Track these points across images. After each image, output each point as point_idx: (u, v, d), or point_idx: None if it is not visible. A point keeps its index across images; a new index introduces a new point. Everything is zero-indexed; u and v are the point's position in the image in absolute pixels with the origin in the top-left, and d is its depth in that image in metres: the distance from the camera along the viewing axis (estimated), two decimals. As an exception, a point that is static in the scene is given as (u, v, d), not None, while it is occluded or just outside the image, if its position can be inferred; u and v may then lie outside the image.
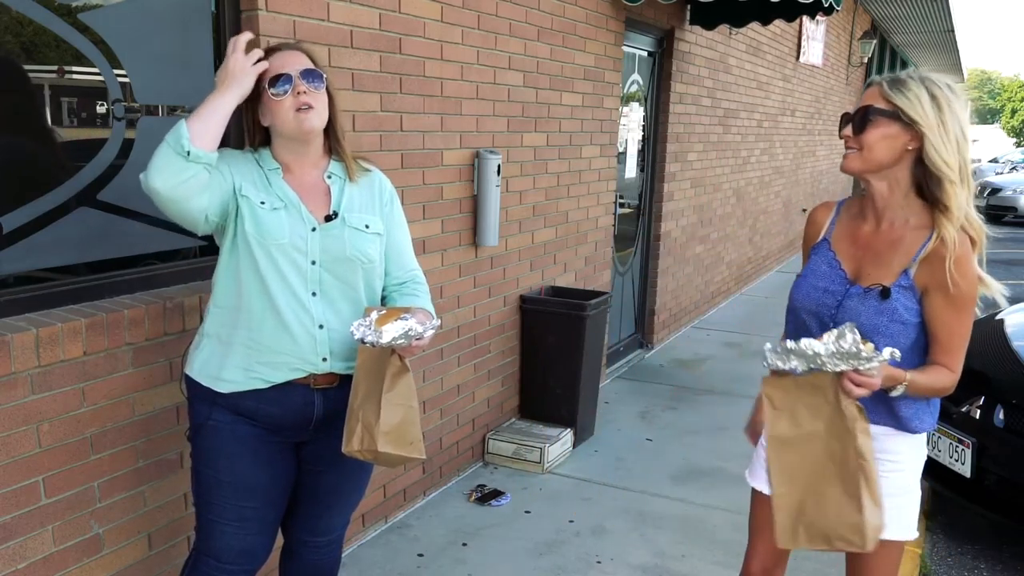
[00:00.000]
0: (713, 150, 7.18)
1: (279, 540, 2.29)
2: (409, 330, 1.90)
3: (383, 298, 2.20)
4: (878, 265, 1.94)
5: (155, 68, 2.51)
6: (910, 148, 1.86)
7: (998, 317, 4.25)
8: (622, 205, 5.86)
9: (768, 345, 1.79)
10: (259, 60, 1.96)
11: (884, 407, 1.98)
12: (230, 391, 2.03)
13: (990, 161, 30.41)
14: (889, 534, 2.01)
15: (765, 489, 2.20)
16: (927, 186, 1.87)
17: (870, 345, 1.72)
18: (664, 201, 6.29)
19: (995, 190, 17.42)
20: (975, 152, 42.09)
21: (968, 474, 3.50)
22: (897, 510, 2.01)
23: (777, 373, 1.85)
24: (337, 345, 2.04)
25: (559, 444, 4.25)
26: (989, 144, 51.16)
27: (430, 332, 1.96)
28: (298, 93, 1.97)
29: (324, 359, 2.04)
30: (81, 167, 2.36)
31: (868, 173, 1.92)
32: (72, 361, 2.19)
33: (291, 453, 2.16)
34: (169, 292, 2.49)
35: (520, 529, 3.59)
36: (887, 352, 1.72)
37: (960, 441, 3.55)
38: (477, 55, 3.76)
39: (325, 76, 2.04)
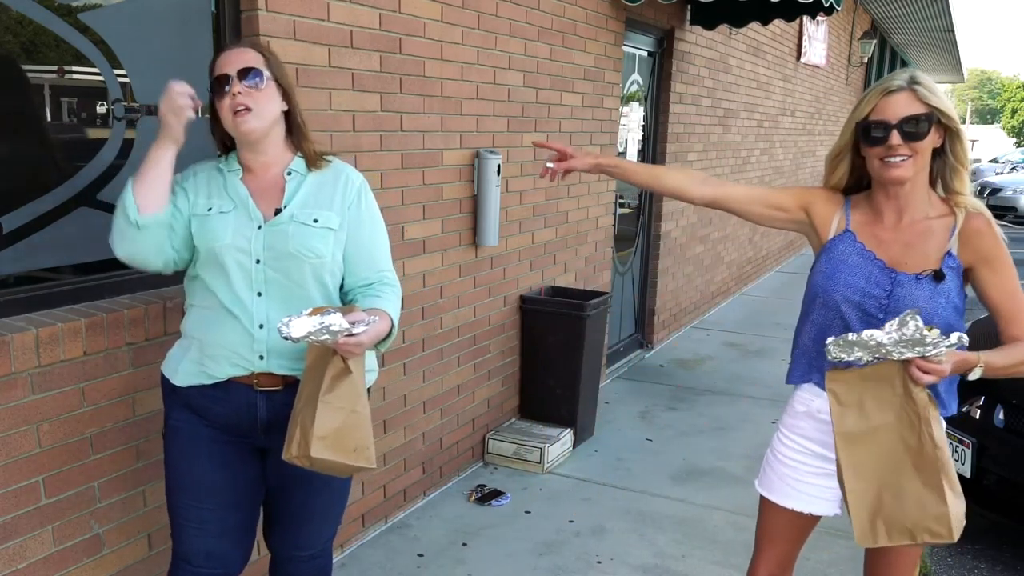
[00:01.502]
0: (713, 150, 7.19)
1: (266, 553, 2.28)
2: (330, 325, 1.76)
3: (350, 301, 2.11)
4: (912, 255, 1.96)
5: (155, 68, 2.51)
6: (937, 146, 1.93)
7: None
8: (622, 205, 5.86)
9: (830, 338, 1.75)
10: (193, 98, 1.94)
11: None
12: (184, 384, 2.04)
13: (990, 161, 30.36)
14: None
15: (775, 499, 2.16)
16: (944, 177, 1.96)
17: (935, 331, 1.69)
18: (664, 201, 6.29)
19: (995, 190, 17.38)
20: (975, 152, 42.01)
21: (968, 474, 3.50)
22: None
23: (838, 368, 1.83)
24: (278, 345, 1.98)
25: (559, 444, 4.25)
26: (989, 144, 51.13)
27: (361, 328, 1.83)
28: (234, 95, 1.93)
29: (261, 357, 1.99)
30: (81, 167, 2.36)
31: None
32: (72, 361, 2.20)
33: (252, 458, 2.11)
34: (169, 292, 2.49)
35: (520, 529, 3.59)
36: (955, 337, 1.69)
37: (960, 441, 3.55)
38: (477, 55, 3.76)
39: (267, 73, 1.97)
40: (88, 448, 2.27)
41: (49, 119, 2.32)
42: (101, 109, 2.42)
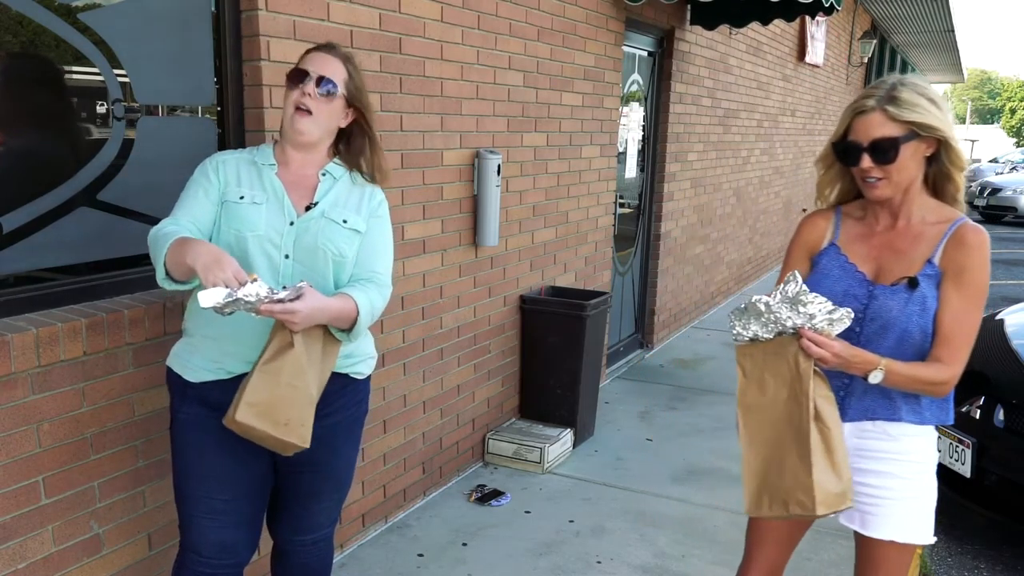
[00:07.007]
0: (713, 150, 7.18)
1: (268, 541, 2.29)
2: (243, 297, 1.70)
3: None
4: (900, 261, 1.94)
5: (155, 68, 2.51)
6: (927, 154, 1.90)
7: (998, 317, 4.25)
8: (622, 205, 5.86)
9: (731, 312, 1.86)
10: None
11: (899, 397, 1.95)
12: (198, 380, 2.04)
13: (990, 161, 30.34)
14: (904, 536, 1.99)
15: None
16: (938, 181, 1.93)
17: (822, 298, 1.78)
18: (664, 201, 6.29)
19: (995, 190, 17.39)
20: (975, 152, 41.84)
21: (968, 474, 3.50)
22: (917, 513, 1.99)
23: (745, 343, 1.90)
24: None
25: (559, 444, 4.25)
26: (989, 144, 51.10)
27: (284, 294, 1.78)
28: (303, 93, 1.99)
29: None
30: (81, 167, 2.36)
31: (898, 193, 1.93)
32: (72, 361, 2.19)
33: (262, 448, 2.11)
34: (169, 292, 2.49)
35: (520, 529, 3.59)
36: (844, 310, 1.78)
37: (960, 441, 3.55)
38: (477, 55, 3.76)
39: (341, 90, 2.04)
40: (88, 448, 2.27)
41: (49, 119, 2.32)
42: (101, 109, 2.42)
